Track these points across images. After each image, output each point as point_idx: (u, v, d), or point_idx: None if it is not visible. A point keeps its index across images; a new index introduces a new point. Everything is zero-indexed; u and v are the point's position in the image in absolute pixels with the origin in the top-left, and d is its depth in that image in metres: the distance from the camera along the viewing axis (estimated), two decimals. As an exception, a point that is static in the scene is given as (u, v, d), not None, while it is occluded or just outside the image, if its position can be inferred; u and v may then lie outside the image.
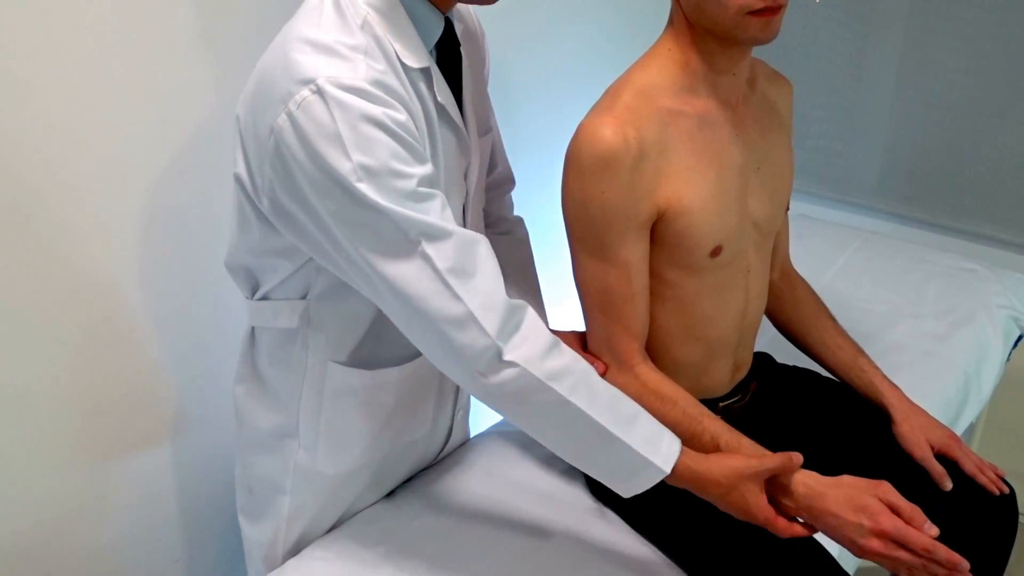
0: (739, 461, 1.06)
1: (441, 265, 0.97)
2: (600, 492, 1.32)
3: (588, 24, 2.02)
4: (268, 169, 0.98)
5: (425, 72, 1.04)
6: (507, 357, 0.98)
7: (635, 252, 1.12)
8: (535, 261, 1.43)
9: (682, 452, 1.06)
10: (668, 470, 1.05)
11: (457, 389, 1.34)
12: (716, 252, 1.13)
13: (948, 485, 1.24)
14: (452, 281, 0.97)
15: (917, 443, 1.27)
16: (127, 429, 1.40)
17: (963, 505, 1.25)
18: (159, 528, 1.49)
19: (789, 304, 1.40)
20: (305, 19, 0.99)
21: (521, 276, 1.37)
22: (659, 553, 1.22)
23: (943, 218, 2.30)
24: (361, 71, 0.94)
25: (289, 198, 0.98)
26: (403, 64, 1.00)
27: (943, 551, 0.99)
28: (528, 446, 1.45)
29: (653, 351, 1.22)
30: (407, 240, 0.96)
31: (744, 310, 1.24)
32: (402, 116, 0.96)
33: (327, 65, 0.93)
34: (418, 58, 1.02)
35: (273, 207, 1.01)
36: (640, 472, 1.05)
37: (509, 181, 1.42)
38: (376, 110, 0.93)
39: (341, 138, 0.92)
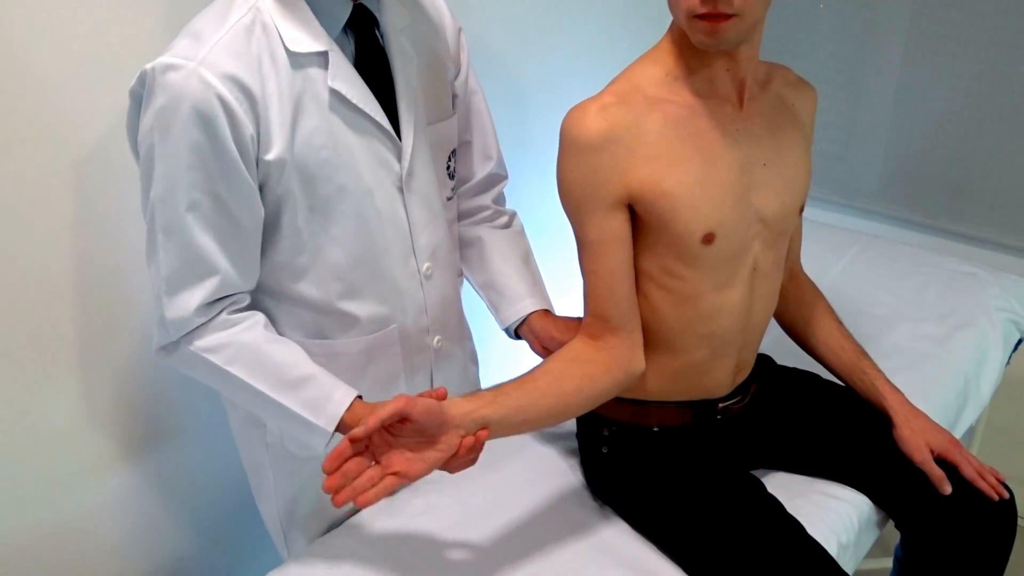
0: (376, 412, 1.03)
1: (164, 270, 1.08)
2: (602, 492, 1.32)
3: (597, 21, 2.04)
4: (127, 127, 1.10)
5: (321, 56, 1.08)
6: (180, 335, 1.11)
7: (601, 232, 1.14)
8: (534, 252, 1.47)
9: (350, 408, 1.12)
10: (330, 430, 1.12)
11: (431, 377, 1.36)
12: (709, 239, 1.13)
13: (947, 489, 1.25)
14: (164, 288, 1.08)
15: (917, 447, 1.28)
16: (130, 428, 1.40)
17: (962, 508, 1.25)
18: (163, 526, 1.50)
19: (794, 304, 1.40)
20: (207, 8, 1.07)
21: (524, 268, 1.41)
22: (660, 553, 1.23)
23: (943, 222, 2.30)
24: (202, 54, 1.00)
25: (135, 155, 1.08)
26: (288, 49, 1.05)
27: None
28: (530, 445, 1.45)
29: (656, 345, 1.23)
30: (152, 226, 1.07)
31: (749, 309, 1.24)
32: (233, 106, 1.01)
33: (180, 46, 1.02)
34: (311, 43, 1.07)
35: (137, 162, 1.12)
36: (310, 432, 1.13)
37: (502, 177, 1.45)
38: (195, 95, 0.99)
39: (153, 111, 1.01)
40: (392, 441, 1.00)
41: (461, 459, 1.05)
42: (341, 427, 1.12)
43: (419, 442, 1.01)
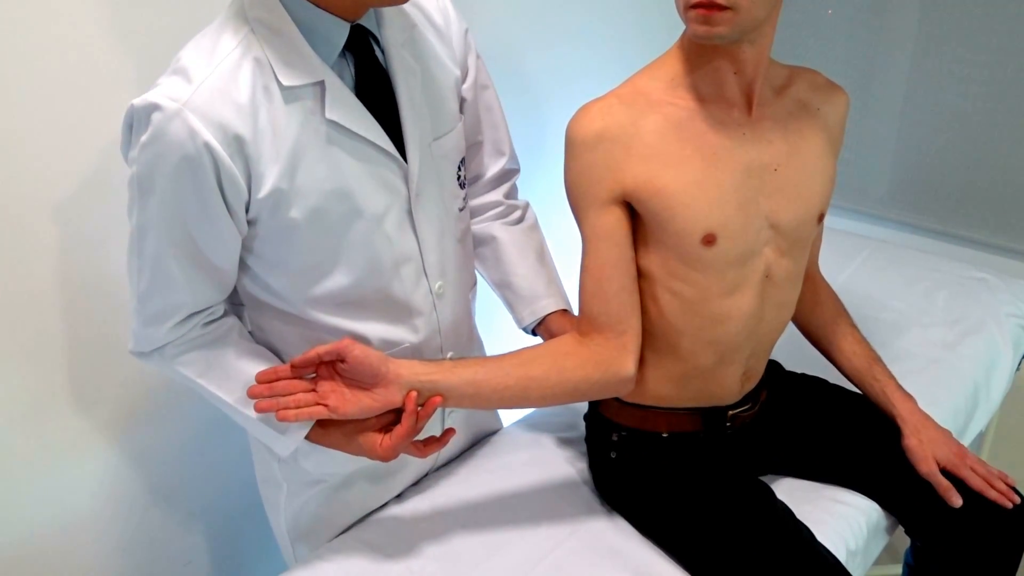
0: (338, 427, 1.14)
1: (138, 288, 1.11)
2: (610, 497, 1.32)
3: (611, 20, 2.04)
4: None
5: (317, 87, 1.05)
6: (152, 349, 1.15)
7: (594, 228, 1.15)
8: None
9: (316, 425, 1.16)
10: (288, 450, 1.18)
11: None
12: (709, 241, 1.13)
13: (956, 501, 1.24)
14: (137, 305, 1.12)
15: (923, 458, 1.27)
16: (136, 431, 1.41)
17: (973, 513, 1.25)
18: (169, 530, 1.50)
19: (808, 306, 1.40)
20: (195, 39, 1.05)
21: (539, 265, 1.40)
22: (667, 557, 1.23)
23: (953, 227, 2.29)
24: (187, 95, 0.98)
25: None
26: (280, 84, 1.03)
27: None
28: (538, 448, 1.45)
29: (662, 349, 1.23)
30: (132, 244, 1.08)
31: (759, 317, 1.23)
32: (220, 153, 0.99)
33: (167, 84, 0.99)
34: (305, 74, 1.04)
35: None
36: (274, 442, 1.18)
37: (515, 171, 1.44)
38: (181, 141, 0.97)
39: (139, 147, 1.00)
40: (336, 377, 1.08)
41: (406, 422, 1.08)
42: (310, 438, 1.16)
43: (359, 385, 1.07)
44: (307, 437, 1.15)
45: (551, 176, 1.26)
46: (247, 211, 1.06)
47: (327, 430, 1.14)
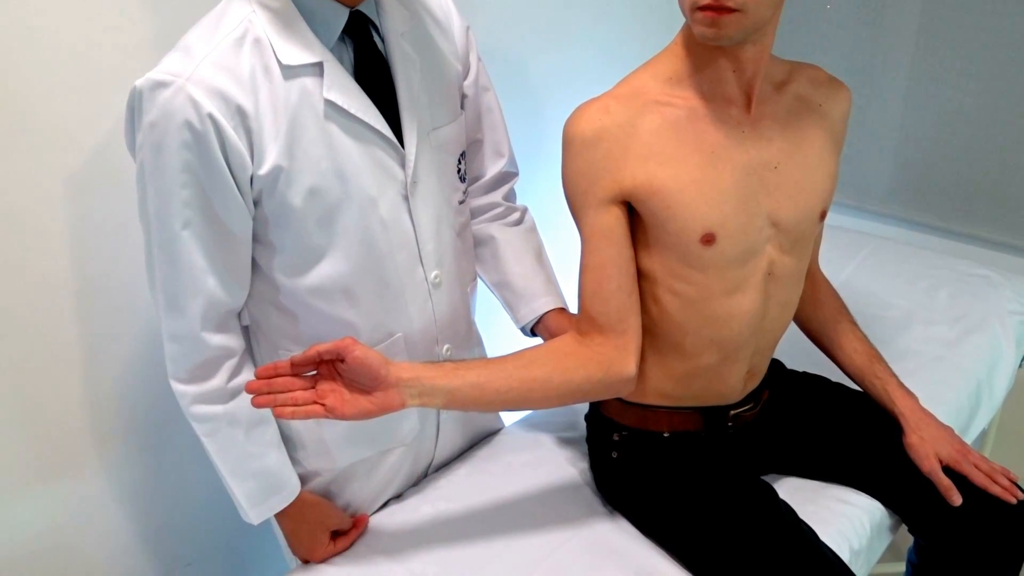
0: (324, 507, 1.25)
1: (162, 284, 1.10)
2: (612, 497, 1.32)
3: (610, 19, 2.04)
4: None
5: (316, 67, 1.08)
6: (177, 387, 1.15)
7: (593, 228, 1.15)
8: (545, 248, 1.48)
9: (292, 504, 1.24)
10: (256, 522, 1.23)
11: None
12: (709, 240, 1.13)
13: (957, 500, 1.23)
14: (164, 302, 1.10)
15: (925, 456, 1.27)
16: (137, 431, 1.40)
17: (976, 510, 1.24)
18: (170, 532, 1.50)
19: (809, 304, 1.39)
20: (199, 22, 1.07)
21: (538, 266, 1.41)
22: (669, 558, 1.22)
23: (955, 224, 2.29)
24: (189, 70, 1.00)
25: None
26: (280, 62, 1.05)
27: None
28: (540, 449, 1.45)
29: (665, 348, 1.22)
30: (148, 238, 1.08)
31: (763, 315, 1.22)
32: (223, 124, 1.01)
33: (169, 61, 1.02)
34: (304, 55, 1.06)
35: None
36: (243, 515, 1.23)
37: (514, 174, 1.45)
38: (185, 113, 0.99)
39: (144, 128, 1.01)
40: (337, 378, 1.05)
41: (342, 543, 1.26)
42: (278, 518, 1.26)
43: (360, 387, 1.05)
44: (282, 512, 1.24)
45: (552, 177, 1.26)
46: (251, 187, 1.07)
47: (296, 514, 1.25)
